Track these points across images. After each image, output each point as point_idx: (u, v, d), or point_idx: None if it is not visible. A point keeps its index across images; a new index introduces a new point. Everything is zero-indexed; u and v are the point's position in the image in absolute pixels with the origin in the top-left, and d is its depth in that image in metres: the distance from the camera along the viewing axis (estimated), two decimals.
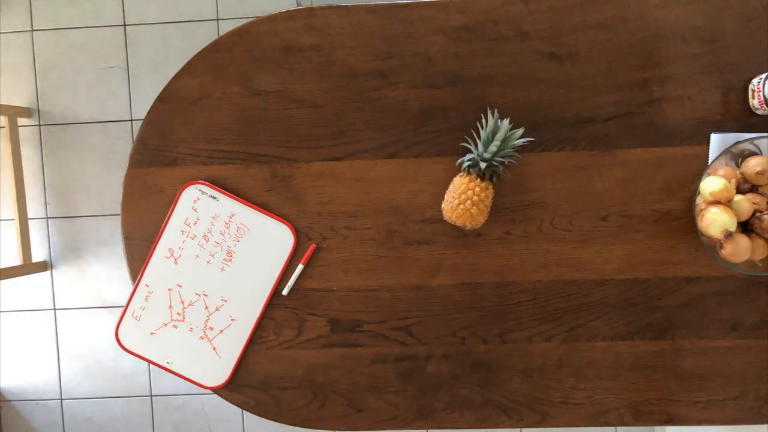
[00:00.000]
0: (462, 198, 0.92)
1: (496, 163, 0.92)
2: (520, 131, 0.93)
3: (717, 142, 0.96)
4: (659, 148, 0.97)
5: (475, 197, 0.92)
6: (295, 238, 1.02)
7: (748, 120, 0.96)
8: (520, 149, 0.96)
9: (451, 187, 0.95)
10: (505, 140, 0.91)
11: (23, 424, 2.04)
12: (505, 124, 0.91)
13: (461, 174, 0.95)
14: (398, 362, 1.03)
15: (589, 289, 1.00)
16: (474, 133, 0.98)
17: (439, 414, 1.03)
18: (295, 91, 1.01)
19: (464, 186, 0.92)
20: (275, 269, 1.02)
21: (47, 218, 1.98)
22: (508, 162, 0.94)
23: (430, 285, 1.01)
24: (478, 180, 0.92)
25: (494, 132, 0.91)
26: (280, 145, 1.02)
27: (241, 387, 1.05)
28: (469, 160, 0.93)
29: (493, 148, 0.90)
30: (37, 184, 1.97)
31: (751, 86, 0.94)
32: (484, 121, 0.95)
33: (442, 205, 0.95)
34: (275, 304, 1.03)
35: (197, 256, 1.02)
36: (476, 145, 0.93)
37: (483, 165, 0.91)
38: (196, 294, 1.03)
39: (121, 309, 1.40)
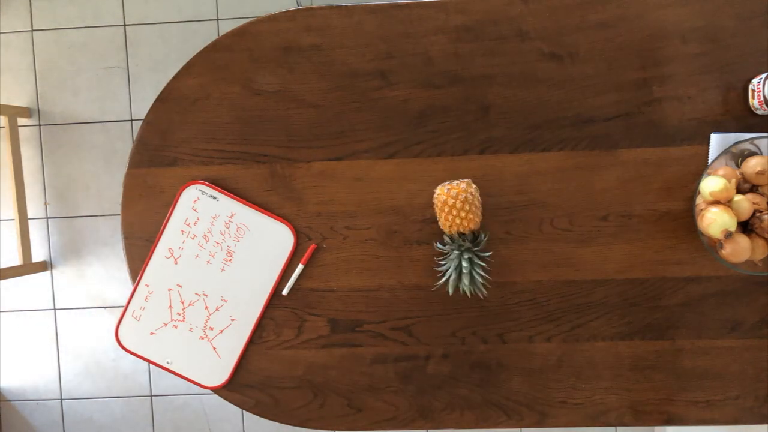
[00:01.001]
0: (454, 210, 0.92)
1: (464, 260, 0.93)
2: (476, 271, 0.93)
3: (717, 142, 0.96)
4: (659, 148, 0.97)
5: (461, 199, 0.92)
6: (295, 238, 1.02)
7: (748, 120, 0.96)
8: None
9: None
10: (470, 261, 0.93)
11: (23, 424, 2.04)
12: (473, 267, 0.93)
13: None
14: (398, 362, 1.03)
15: (589, 289, 1.00)
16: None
17: (439, 414, 1.03)
18: (295, 91, 1.01)
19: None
20: (275, 269, 1.02)
21: (47, 218, 1.98)
22: (470, 268, 0.93)
23: (430, 285, 1.01)
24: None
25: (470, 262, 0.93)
26: (280, 145, 1.02)
27: (241, 387, 1.05)
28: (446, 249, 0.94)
29: (464, 262, 0.92)
30: (37, 184, 1.97)
31: (751, 86, 0.94)
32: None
33: (441, 226, 0.95)
34: (275, 304, 1.03)
35: (197, 256, 1.02)
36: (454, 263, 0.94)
37: (456, 254, 0.92)
38: (196, 294, 1.03)
39: (121, 309, 1.41)
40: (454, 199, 0.91)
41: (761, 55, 0.96)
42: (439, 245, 0.97)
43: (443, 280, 0.95)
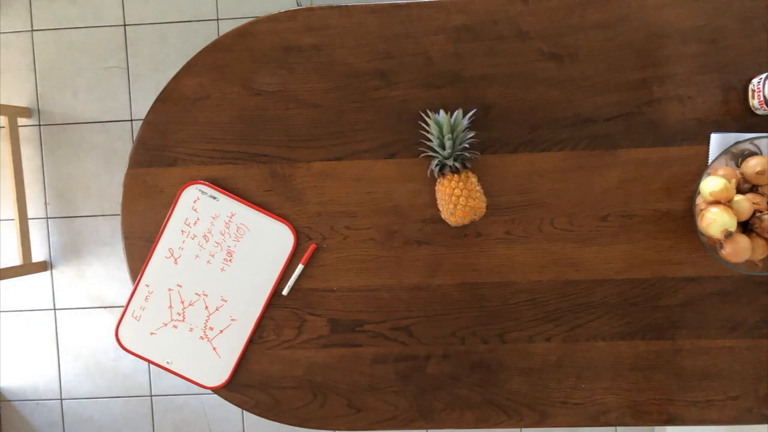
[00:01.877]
0: (454, 200, 0.92)
1: (459, 154, 0.93)
2: (464, 119, 0.93)
3: (717, 142, 0.96)
4: (659, 148, 0.97)
5: (465, 191, 0.92)
6: (295, 238, 1.02)
7: (748, 120, 0.96)
8: (475, 128, 0.97)
9: (438, 196, 0.95)
10: (455, 130, 0.92)
11: (23, 424, 2.04)
12: (444, 116, 0.92)
13: (439, 180, 0.95)
14: (398, 362, 1.03)
15: (589, 289, 1.00)
16: (430, 138, 0.97)
17: (439, 414, 1.03)
18: (295, 91, 1.01)
19: (448, 189, 0.93)
20: (275, 269, 1.02)
21: (47, 218, 1.98)
22: (470, 146, 0.95)
23: (430, 285, 1.01)
24: (456, 176, 0.93)
25: (441, 129, 0.92)
26: (280, 145, 1.02)
27: (241, 387, 1.05)
28: (436, 165, 0.94)
29: (449, 143, 0.91)
30: (37, 184, 1.97)
31: (751, 86, 0.94)
32: (428, 124, 0.95)
33: (443, 216, 0.95)
34: (275, 304, 1.03)
35: (197, 256, 1.02)
36: (434, 149, 0.94)
37: (451, 162, 0.92)
38: (196, 294, 1.03)
39: (121, 309, 1.41)
40: (456, 185, 0.93)
41: (761, 55, 0.96)
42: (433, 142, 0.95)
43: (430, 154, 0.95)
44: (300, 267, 1.02)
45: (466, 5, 0.98)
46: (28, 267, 1.89)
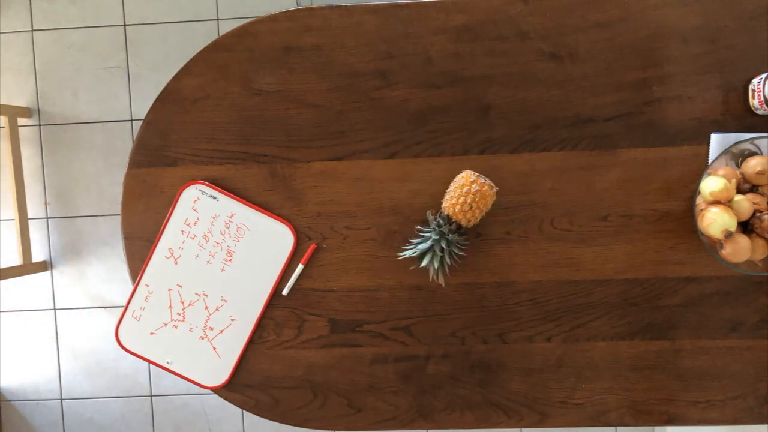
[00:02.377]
0: (467, 200, 0.92)
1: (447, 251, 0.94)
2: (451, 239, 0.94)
3: (717, 142, 0.96)
4: (659, 148, 0.97)
5: (477, 194, 0.92)
6: (295, 238, 1.02)
7: (748, 120, 0.96)
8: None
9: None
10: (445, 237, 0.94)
11: (23, 424, 2.04)
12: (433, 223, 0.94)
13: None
14: (398, 362, 1.03)
15: (589, 289, 1.00)
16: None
17: (439, 414, 1.03)
18: (295, 91, 1.01)
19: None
20: (275, 269, 1.02)
21: (47, 218, 1.98)
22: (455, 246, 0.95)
23: (430, 285, 1.01)
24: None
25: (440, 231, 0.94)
26: (280, 145, 1.02)
27: (241, 387, 1.05)
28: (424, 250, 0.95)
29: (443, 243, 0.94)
30: (37, 184, 1.97)
31: (751, 86, 0.94)
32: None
33: (443, 203, 0.95)
34: (275, 304, 1.03)
35: (197, 256, 1.02)
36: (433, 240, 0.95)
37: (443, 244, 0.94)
38: (196, 294, 1.03)
39: (121, 309, 1.41)
40: (477, 189, 0.92)
41: (761, 55, 0.96)
42: (420, 227, 0.98)
43: (411, 251, 0.96)
44: (300, 267, 1.02)
45: (466, 5, 0.98)
46: (28, 267, 1.89)
